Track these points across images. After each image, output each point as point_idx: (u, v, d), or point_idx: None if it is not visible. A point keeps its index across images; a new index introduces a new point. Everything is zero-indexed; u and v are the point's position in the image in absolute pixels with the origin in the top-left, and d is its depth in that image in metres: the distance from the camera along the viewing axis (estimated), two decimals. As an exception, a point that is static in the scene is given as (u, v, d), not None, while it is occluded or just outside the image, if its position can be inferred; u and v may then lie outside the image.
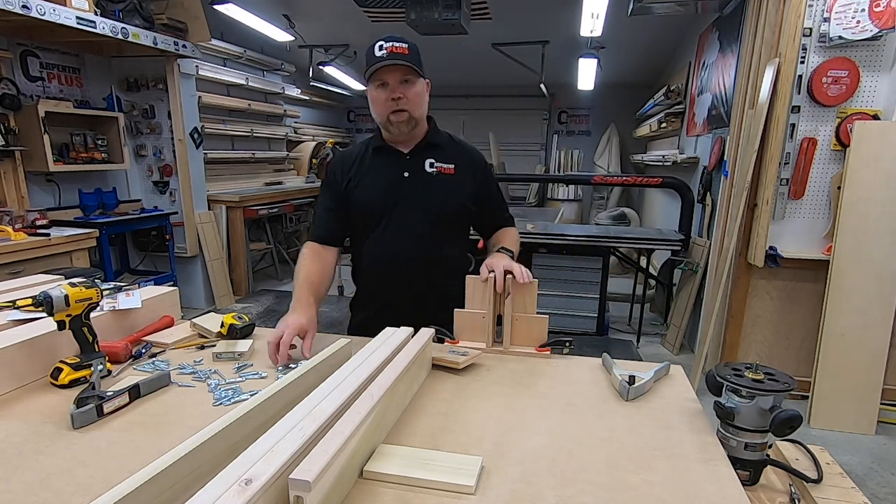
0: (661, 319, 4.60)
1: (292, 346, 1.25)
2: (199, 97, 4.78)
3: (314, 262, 1.52)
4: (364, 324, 1.62)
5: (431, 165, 1.53)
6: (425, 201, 1.52)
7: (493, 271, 1.32)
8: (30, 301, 1.13)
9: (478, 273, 1.37)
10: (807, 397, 2.91)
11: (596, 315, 3.95)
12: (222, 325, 1.41)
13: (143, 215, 4.30)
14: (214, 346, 1.35)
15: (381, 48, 1.39)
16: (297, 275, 1.48)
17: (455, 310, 1.37)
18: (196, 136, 4.65)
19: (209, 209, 4.91)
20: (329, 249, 1.58)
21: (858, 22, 2.74)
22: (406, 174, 1.53)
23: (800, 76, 2.85)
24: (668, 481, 0.82)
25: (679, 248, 3.93)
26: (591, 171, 7.66)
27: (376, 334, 1.30)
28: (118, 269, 4.49)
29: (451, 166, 1.55)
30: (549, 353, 1.32)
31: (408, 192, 1.52)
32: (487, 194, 1.63)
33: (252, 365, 1.25)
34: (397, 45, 1.39)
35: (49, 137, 3.51)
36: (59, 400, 1.05)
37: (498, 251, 1.46)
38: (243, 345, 1.32)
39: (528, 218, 4.87)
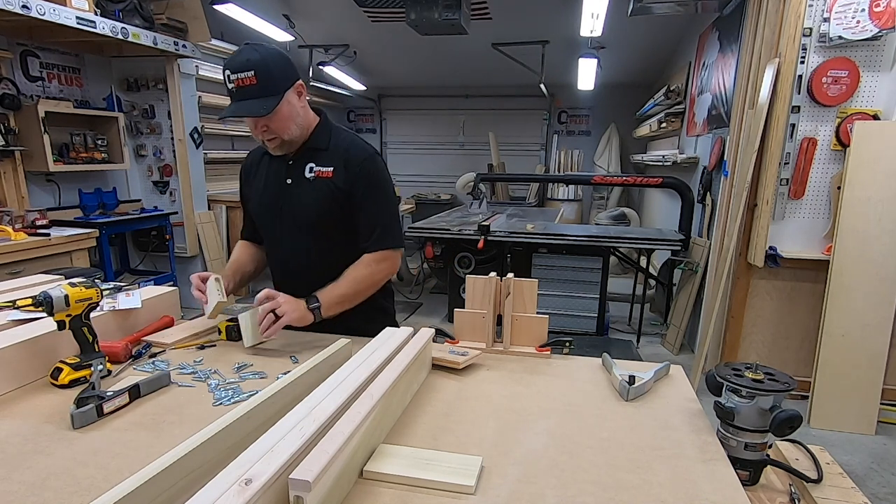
0: (661, 319, 4.60)
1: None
2: (199, 97, 4.78)
3: (243, 250, 1.64)
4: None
5: (311, 170, 1.45)
6: (304, 208, 1.45)
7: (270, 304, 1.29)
8: (30, 301, 1.13)
9: (476, 273, 1.37)
10: (807, 397, 2.91)
11: (596, 315, 3.95)
12: (220, 333, 1.41)
13: (143, 215, 4.30)
14: (215, 346, 1.36)
15: (230, 79, 1.28)
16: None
17: (455, 310, 1.37)
18: (196, 136, 4.65)
19: (209, 209, 4.90)
20: (259, 245, 1.64)
21: (858, 22, 2.74)
22: (289, 181, 1.47)
23: (800, 76, 2.85)
24: (668, 481, 0.82)
25: (679, 248, 3.92)
26: (591, 171, 7.65)
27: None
28: (118, 269, 4.48)
29: (330, 169, 1.44)
30: (549, 353, 1.32)
31: (290, 199, 1.46)
32: (355, 202, 1.45)
33: (252, 365, 1.25)
34: (243, 76, 1.26)
35: (49, 137, 3.51)
36: (59, 400, 1.05)
37: (308, 297, 1.35)
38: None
39: (529, 218, 4.87)
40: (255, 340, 1.31)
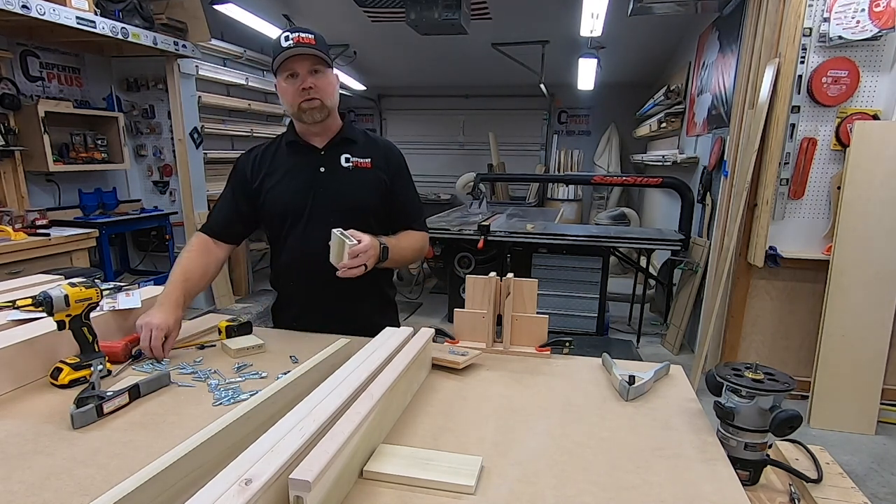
0: (661, 319, 4.60)
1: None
2: (199, 97, 4.77)
3: (199, 255, 1.48)
4: (291, 326, 1.57)
5: (347, 160, 1.51)
6: (343, 197, 1.49)
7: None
8: (30, 301, 1.13)
9: (476, 273, 1.37)
10: (807, 397, 2.91)
11: (596, 315, 3.95)
12: (220, 332, 1.41)
13: (142, 215, 4.30)
14: (214, 346, 1.36)
15: (287, 39, 1.37)
16: (175, 267, 1.43)
17: (455, 310, 1.37)
18: (196, 136, 4.65)
19: (209, 209, 4.90)
20: (220, 245, 1.54)
21: (858, 22, 2.74)
22: (322, 169, 1.50)
23: (800, 76, 2.85)
24: (668, 481, 0.82)
25: (679, 248, 3.92)
26: (591, 171, 7.65)
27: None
28: (118, 269, 4.48)
29: (368, 160, 1.52)
30: (549, 353, 1.32)
31: (325, 188, 1.49)
32: (397, 190, 1.57)
33: (252, 365, 1.25)
34: (304, 35, 1.38)
35: (49, 137, 3.51)
36: (59, 400, 1.05)
37: (377, 234, 1.38)
38: (254, 339, 1.36)
39: (529, 218, 4.87)
40: (339, 262, 1.29)
